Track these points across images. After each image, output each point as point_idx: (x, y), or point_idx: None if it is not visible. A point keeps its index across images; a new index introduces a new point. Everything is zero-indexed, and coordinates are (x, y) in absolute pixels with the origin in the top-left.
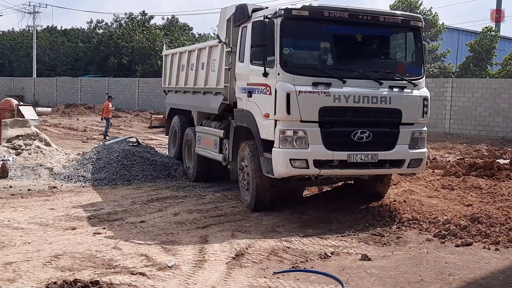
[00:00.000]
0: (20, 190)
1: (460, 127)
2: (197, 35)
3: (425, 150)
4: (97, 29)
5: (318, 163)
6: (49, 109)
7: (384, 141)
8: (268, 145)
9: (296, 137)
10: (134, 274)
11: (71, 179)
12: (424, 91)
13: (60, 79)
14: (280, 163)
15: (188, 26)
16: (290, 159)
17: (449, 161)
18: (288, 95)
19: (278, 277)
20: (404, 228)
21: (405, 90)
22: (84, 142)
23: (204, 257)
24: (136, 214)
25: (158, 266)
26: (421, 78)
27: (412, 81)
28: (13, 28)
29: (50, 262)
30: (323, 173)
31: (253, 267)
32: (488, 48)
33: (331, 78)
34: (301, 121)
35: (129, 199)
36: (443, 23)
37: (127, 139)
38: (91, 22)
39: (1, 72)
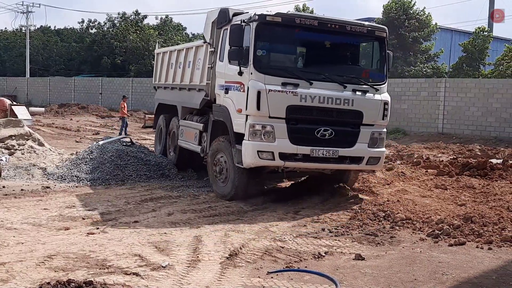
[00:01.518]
0: (13, 190)
1: (453, 127)
2: (190, 35)
3: (383, 149)
4: (89, 29)
5: (283, 156)
6: (43, 109)
7: (345, 139)
8: (240, 138)
9: (264, 131)
10: (128, 274)
11: (65, 179)
12: (385, 96)
13: (54, 79)
14: (249, 155)
15: (182, 26)
16: (258, 151)
17: (442, 161)
18: (258, 93)
19: (272, 277)
20: (397, 227)
21: (367, 94)
22: (77, 142)
23: (198, 257)
24: (129, 214)
25: (152, 266)
26: (383, 84)
27: (374, 86)
28: (6, 28)
29: (43, 262)
30: (288, 165)
31: (247, 267)
32: (481, 48)
33: (299, 79)
34: (270, 117)
35: (123, 199)
36: (436, 23)
37: (121, 139)
38: (83, 22)
39: None
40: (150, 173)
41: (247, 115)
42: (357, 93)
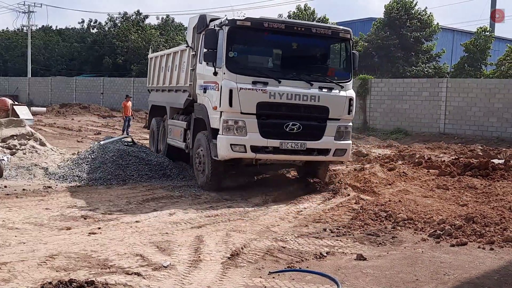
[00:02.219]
0: (15, 190)
1: (455, 127)
2: None
3: (349, 142)
4: (91, 28)
5: (255, 149)
6: (44, 109)
7: (312, 132)
8: (216, 133)
9: (236, 126)
10: (129, 274)
11: (66, 179)
12: (350, 92)
13: (55, 79)
14: (223, 148)
15: (183, 25)
16: (231, 144)
17: (444, 161)
18: (230, 91)
19: (273, 277)
20: (399, 228)
21: (333, 91)
22: (79, 142)
23: (199, 257)
24: (131, 214)
25: (154, 266)
26: (348, 81)
27: (340, 84)
28: (7, 28)
29: (45, 262)
30: (259, 157)
31: (248, 267)
32: (482, 49)
33: (268, 78)
34: (241, 113)
35: (124, 199)
36: (437, 23)
37: (122, 139)
38: (83, 22)
39: None
40: (152, 173)
41: (221, 112)
42: (323, 90)
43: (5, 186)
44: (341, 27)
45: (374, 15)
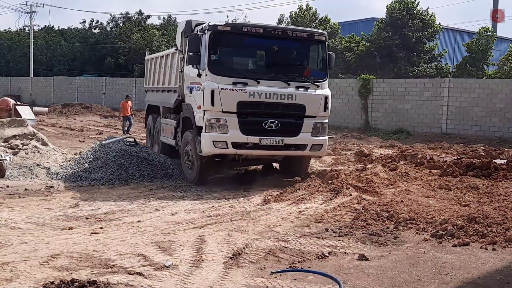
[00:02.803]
0: (17, 189)
1: (457, 127)
2: None
3: (325, 137)
4: (92, 29)
5: (236, 145)
6: (46, 109)
7: (290, 129)
8: (200, 131)
9: (218, 124)
10: (131, 274)
11: (68, 178)
12: (326, 91)
13: (57, 79)
14: (206, 144)
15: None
16: (213, 141)
17: (446, 161)
18: (212, 91)
19: (275, 277)
20: (401, 228)
21: (309, 90)
22: (81, 141)
23: (201, 256)
24: (133, 214)
25: (156, 266)
26: (324, 81)
27: (315, 83)
28: (10, 28)
29: (47, 262)
30: (240, 153)
31: (250, 267)
32: (484, 49)
33: (247, 79)
34: (223, 111)
35: (126, 199)
36: (439, 23)
37: (124, 139)
38: (84, 22)
39: None
40: (154, 172)
41: (204, 111)
42: (300, 89)
43: (8, 186)
44: (317, 30)
45: (376, 15)
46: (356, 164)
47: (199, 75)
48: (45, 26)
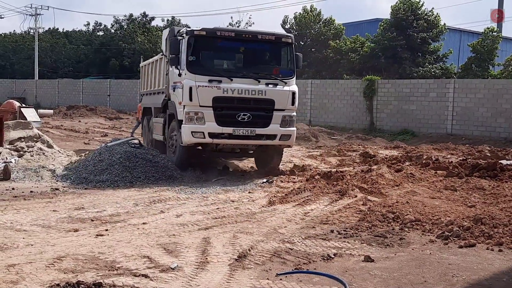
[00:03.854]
0: (23, 192)
1: (463, 128)
2: None
3: (293, 128)
4: (97, 31)
5: (212, 135)
6: (51, 111)
7: (260, 121)
8: (181, 123)
9: (196, 117)
10: (137, 276)
11: (73, 181)
12: (293, 87)
13: (62, 81)
14: (186, 135)
15: (189, 27)
16: (192, 132)
17: (451, 162)
18: (190, 88)
19: (281, 279)
20: (407, 229)
21: (278, 86)
22: (86, 144)
23: (206, 258)
24: (138, 216)
25: (161, 267)
26: (291, 78)
27: (283, 80)
28: (14, 30)
29: (53, 264)
30: (216, 142)
31: (255, 269)
32: (490, 49)
33: (222, 77)
34: (200, 106)
35: (132, 200)
36: (444, 24)
37: (129, 141)
38: (88, 24)
39: (3, 74)
40: (159, 174)
41: (184, 105)
42: (269, 85)
43: (13, 188)
44: (284, 33)
45: (381, 16)
46: (361, 165)
47: (179, 74)
48: (50, 28)
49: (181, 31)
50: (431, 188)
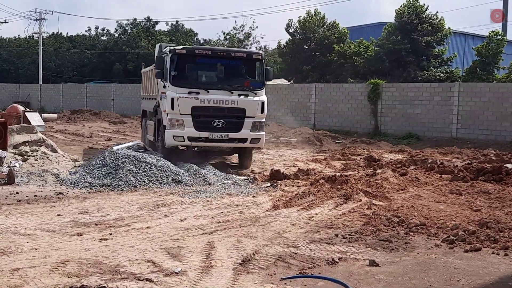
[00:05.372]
0: (27, 196)
1: (468, 132)
2: (202, 41)
3: (262, 133)
4: (100, 36)
5: (191, 139)
6: (55, 115)
7: (233, 127)
8: (165, 128)
9: (177, 123)
10: (141, 280)
11: (77, 185)
12: (262, 98)
13: (66, 85)
14: (168, 138)
15: (193, 32)
16: (173, 136)
17: (456, 166)
18: (172, 99)
19: (285, 283)
20: (412, 233)
21: (248, 97)
22: (90, 148)
23: (210, 263)
24: (142, 220)
25: (165, 272)
26: (261, 89)
27: (254, 91)
28: (19, 35)
29: (57, 268)
30: (194, 144)
31: (260, 273)
32: (495, 53)
33: (199, 89)
34: (181, 114)
35: (135, 205)
36: (449, 28)
37: (134, 145)
38: (90, 30)
39: (7, 79)
40: (163, 178)
41: (167, 113)
42: (241, 96)
43: (17, 193)
44: (254, 50)
45: (385, 20)
46: (366, 169)
47: (164, 86)
48: (54, 33)
49: (165, 49)
50: (436, 192)
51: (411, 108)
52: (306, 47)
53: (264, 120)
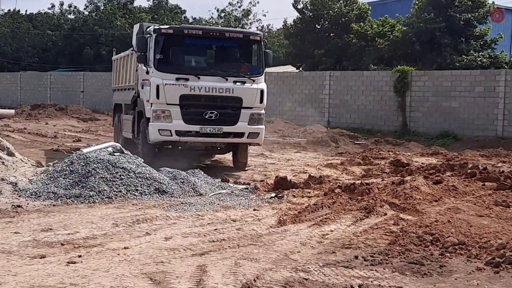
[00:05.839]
0: None
1: None
2: (191, 19)
3: (262, 126)
4: (66, 14)
5: (179, 133)
6: (12, 111)
7: (228, 119)
8: (149, 121)
9: (163, 115)
10: None
11: (40, 196)
12: (261, 85)
13: (25, 74)
14: (153, 133)
15: (180, 8)
16: (159, 130)
17: (503, 171)
18: (157, 86)
19: None
20: (448, 254)
21: (245, 84)
22: (55, 151)
23: None
24: (118, 239)
25: None
26: (260, 76)
27: (251, 78)
28: None
29: None
30: (183, 140)
31: None
32: None
33: (189, 75)
34: (167, 104)
35: (110, 220)
36: (493, 2)
37: (108, 147)
38: (53, 7)
39: None
40: (143, 188)
41: (151, 103)
42: (237, 83)
43: None
44: (252, 31)
45: None
46: (391, 176)
47: (147, 72)
48: (10, 10)
49: (149, 29)
50: (478, 204)
51: (447, 101)
52: (318, 27)
53: (263, 111)
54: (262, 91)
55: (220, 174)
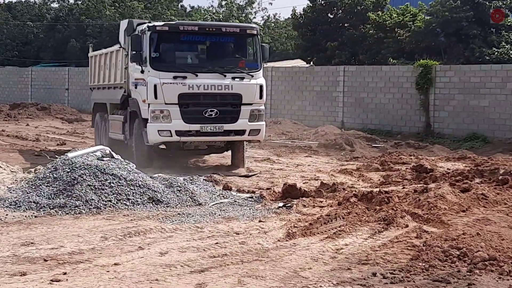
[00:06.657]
0: None
1: None
2: (189, 8)
3: (262, 123)
4: (48, 3)
5: (179, 133)
6: None
7: (228, 116)
8: (146, 122)
9: (162, 115)
10: None
11: (20, 206)
12: (260, 80)
13: (4, 70)
14: (152, 134)
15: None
16: (158, 130)
17: None
18: (155, 86)
19: None
20: (477, 271)
21: (244, 80)
22: (36, 155)
23: None
24: (108, 254)
25: None
26: (258, 71)
27: (250, 73)
28: None
29: None
30: (183, 140)
31: None
32: None
33: (186, 73)
34: (166, 103)
35: (99, 233)
36: None
37: (96, 151)
38: None
39: None
40: (136, 197)
41: (149, 104)
42: (236, 79)
43: None
44: (249, 24)
45: None
46: (413, 184)
47: (142, 71)
48: None
49: (142, 26)
50: (511, 215)
51: (476, 99)
52: (331, 17)
53: (263, 107)
54: (261, 87)
55: (221, 181)
